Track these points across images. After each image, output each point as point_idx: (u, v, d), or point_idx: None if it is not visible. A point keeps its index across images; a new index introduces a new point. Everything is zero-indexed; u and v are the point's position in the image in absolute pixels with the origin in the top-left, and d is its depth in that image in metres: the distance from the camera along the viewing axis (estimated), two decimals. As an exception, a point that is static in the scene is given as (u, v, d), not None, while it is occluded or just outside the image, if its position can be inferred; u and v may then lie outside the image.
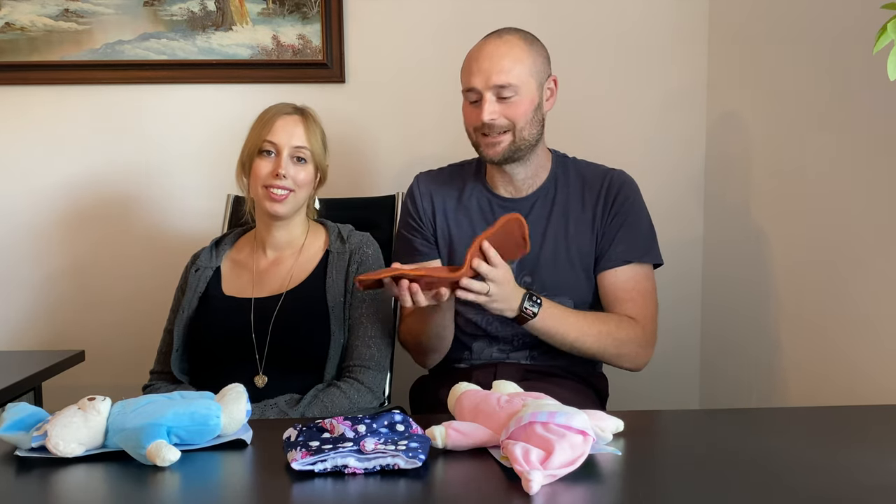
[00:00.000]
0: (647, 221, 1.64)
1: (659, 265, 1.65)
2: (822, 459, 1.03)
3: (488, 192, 1.67)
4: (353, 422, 1.02)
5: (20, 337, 2.20)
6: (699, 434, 1.17)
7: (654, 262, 1.63)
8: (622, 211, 1.60)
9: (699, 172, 2.20)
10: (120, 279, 2.19)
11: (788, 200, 1.77)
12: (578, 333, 1.50)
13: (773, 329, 1.83)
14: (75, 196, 2.18)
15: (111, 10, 2.12)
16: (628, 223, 1.60)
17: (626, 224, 1.60)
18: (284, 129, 1.57)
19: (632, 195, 1.63)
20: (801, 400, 1.72)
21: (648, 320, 1.58)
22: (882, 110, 1.43)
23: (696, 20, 2.15)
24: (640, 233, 1.61)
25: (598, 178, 1.64)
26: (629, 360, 1.57)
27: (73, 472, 1.01)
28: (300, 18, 2.13)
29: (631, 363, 1.57)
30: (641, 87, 2.18)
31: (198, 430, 1.06)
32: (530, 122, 1.55)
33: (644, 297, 1.59)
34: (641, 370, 1.60)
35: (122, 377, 1.84)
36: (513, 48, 1.53)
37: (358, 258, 1.60)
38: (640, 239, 1.61)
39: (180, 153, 2.18)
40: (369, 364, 1.52)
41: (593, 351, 1.53)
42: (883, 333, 1.45)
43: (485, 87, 1.52)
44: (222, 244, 1.69)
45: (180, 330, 1.57)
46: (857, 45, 1.47)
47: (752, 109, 1.96)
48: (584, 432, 0.96)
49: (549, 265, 1.60)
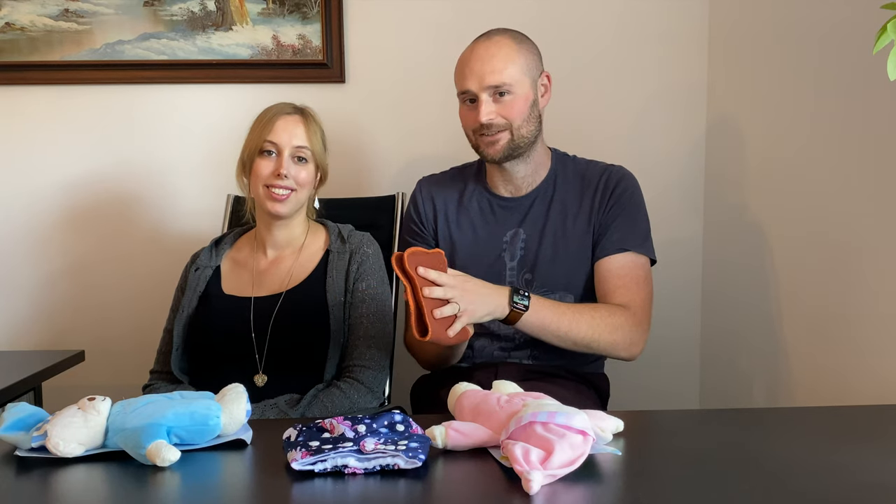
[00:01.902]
0: (644, 216, 1.64)
1: (653, 262, 1.64)
2: (822, 459, 1.03)
3: (488, 192, 1.67)
4: (353, 422, 1.01)
5: (20, 337, 2.20)
6: (699, 434, 1.17)
7: (649, 256, 1.62)
8: (620, 202, 1.60)
9: (699, 172, 2.20)
10: (120, 279, 2.19)
11: (788, 200, 1.77)
12: (571, 322, 1.47)
13: (772, 328, 1.83)
14: (75, 196, 2.18)
15: (111, 10, 2.12)
16: (626, 213, 1.60)
17: (623, 214, 1.60)
18: (285, 129, 1.57)
19: (630, 188, 1.63)
20: (801, 398, 1.72)
21: (639, 307, 1.55)
22: (882, 110, 1.43)
23: (696, 20, 2.15)
24: (636, 224, 1.61)
25: (597, 175, 1.64)
26: (623, 347, 1.52)
27: (73, 472, 1.01)
28: (300, 18, 2.13)
29: (625, 351, 1.53)
30: (641, 88, 2.18)
31: (198, 430, 1.06)
32: (527, 119, 1.56)
33: (637, 285, 1.57)
34: (636, 359, 1.56)
35: (122, 377, 1.84)
36: (503, 48, 1.54)
37: (358, 258, 1.60)
38: (636, 229, 1.61)
39: (180, 153, 2.18)
40: (369, 364, 1.52)
41: (588, 339, 1.49)
42: (883, 332, 1.45)
43: (479, 89, 1.52)
44: (222, 244, 1.69)
45: (180, 329, 1.57)
46: (857, 45, 1.47)
47: (752, 109, 1.96)
48: (584, 432, 0.96)
49: (548, 262, 1.60)
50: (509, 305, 1.40)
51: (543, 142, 1.65)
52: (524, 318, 1.43)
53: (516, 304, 1.41)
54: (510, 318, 1.42)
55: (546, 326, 1.46)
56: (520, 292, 1.43)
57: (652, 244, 1.64)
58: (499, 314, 1.40)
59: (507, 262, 1.61)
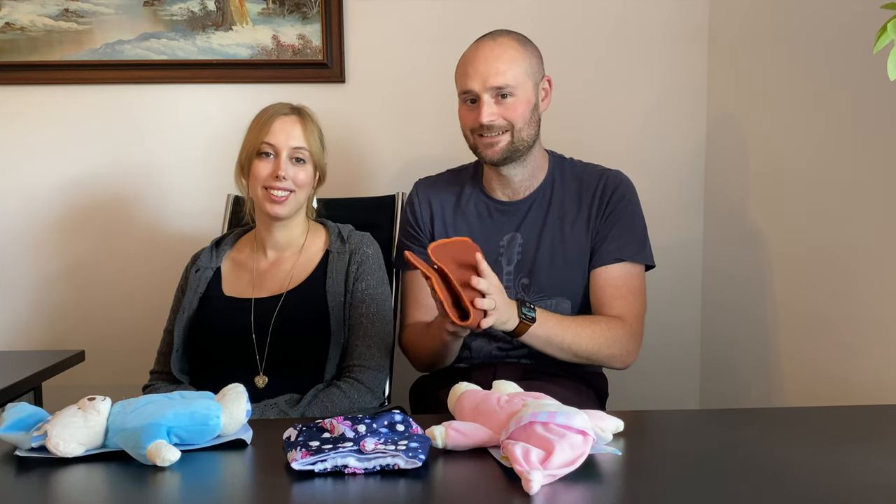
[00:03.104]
0: (641, 222, 1.64)
1: (651, 267, 1.65)
2: (821, 459, 1.03)
3: (485, 196, 1.67)
4: (353, 422, 1.01)
5: (20, 337, 2.20)
6: (699, 434, 1.17)
7: (646, 263, 1.63)
8: (617, 210, 1.61)
9: (699, 172, 2.20)
10: (120, 279, 2.19)
11: (788, 200, 1.77)
12: (574, 336, 1.49)
13: (773, 328, 1.83)
14: (75, 196, 2.18)
15: (111, 10, 2.12)
16: (622, 222, 1.60)
17: (619, 223, 1.60)
18: (282, 130, 1.57)
19: (627, 195, 1.63)
20: (801, 398, 1.72)
21: (635, 318, 1.58)
22: (882, 110, 1.43)
23: (696, 20, 2.15)
24: (633, 232, 1.61)
25: (594, 179, 1.64)
26: (619, 359, 1.56)
27: (73, 472, 1.01)
28: (300, 18, 2.13)
29: (620, 362, 1.57)
30: (641, 88, 2.18)
31: (198, 430, 1.06)
32: (528, 122, 1.56)
33: (633, 296, 1.59)
34: (629, 368, 1.59)
35: (122, 377, 1.84)
36: (507, 50, 1.54)
37: (358, 258, 1.60)
38: (633, 238, 1.61)
39: (180, 153, 2.18)
40: (369, 364, 1.52)
41: (588, 353, 1.52)
42: (883, 332, 1.45)
43: (482, 90, 1.52)
44: (222, 244, 1.69)
45: (180, 330, 1.57)
46: (857, 45, 1.47)
47: (752, 110, 1.96)
48: (584, 432, 0.96)
49: (546, 267, 1.60)
50: (518, 316, 1.41)
51: (541, 145, 1.65)
52: (531, 330, 1.44)
53: (525, 316, 1.42)
54: (517, 331, 1.43)
55: (551, 340, 1.48)
56: (527, 304, 1.44)
57: (649, 249, 1.64)
58: (509, 325, 1.41)
59: (504, 267, 1.61)
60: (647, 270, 1.64)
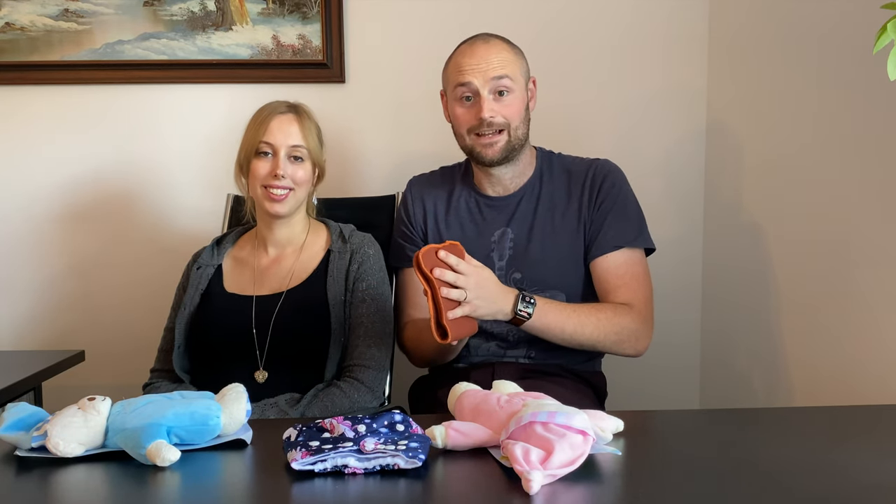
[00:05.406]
0: (635, 206, 1.64)
1: (651, 250, 1.64)
2: (821, 459, 1.03)
3: (476, 192, 1.69)
4: (353, 422, 1.02)
5: (20, 337, 2.20)
6: (699, 434, 1.17)
7: (646, 247, 1.63)
8: (609, 198, 1.61)
9: (699, 171, 2.20)
10: (120, 279, 2.19)
11: (788, 198, 1.77)
12: (576, 324, 1.49)
13: (773, 325, 1.83)
14: (76, 196, 2.18)
15: (111, 10, 2.12)
16: (616, 209, 1.60)
17: (613, 210, 1.60)
18: (280, 128, 1.57)
19: (618, 182, 1.63)
20: (802, 396, 1.72)
21: (643, 303, 1.57)
22: (882, 110, 1.43)
23: (695, 21, 2.15)
24: (628, 218, 1.62)
25: (582, 169, 1.65)
26: (630, 345, 1.55)
27: (73, 472, 1.01)
28: (300, 18, 2.13)
29: (632, 349, 1.56)
30: (642, 89, 2.17)
31: (198, 430, 1.06)
32: (522, 120, 1.59)
33: (637, 282, 1.59)
34: (642, 355, 1.58)
35: (122, 377, 1.84)
36: (502, 50, 1.57)
37: (359, 258, 1.60)
38: (629, 224, 1.61)
39: (180, 153, 2.18)
40: (369, 364, 1.52)
41: (594, 340, 1.51)
42: (884, 330, 1.45)
43: (483, 82, 1.53)
44: (224, 242, 1.69)
45: (182, 327, 1.57)
46: (857, 44, 1.47)
47: (752, 110, 1.96)
48: (584, 432, 0.96)
49: (537, 260, 1.60)
50: (513, 312, 1.42)
51: (529, 142, 1.67)
52: (528, 324, 1.45)
53: (520, 312, 1.43)
54: (513, 322, 1.44)
55: (550, 329, 1.48)
56: (526, 298, 1.44)
57: (647, 233, 1.64)
58: (501, 318, 1.43)
59: (496, 262, 1.62)
60: (648, 255, 1.64)
